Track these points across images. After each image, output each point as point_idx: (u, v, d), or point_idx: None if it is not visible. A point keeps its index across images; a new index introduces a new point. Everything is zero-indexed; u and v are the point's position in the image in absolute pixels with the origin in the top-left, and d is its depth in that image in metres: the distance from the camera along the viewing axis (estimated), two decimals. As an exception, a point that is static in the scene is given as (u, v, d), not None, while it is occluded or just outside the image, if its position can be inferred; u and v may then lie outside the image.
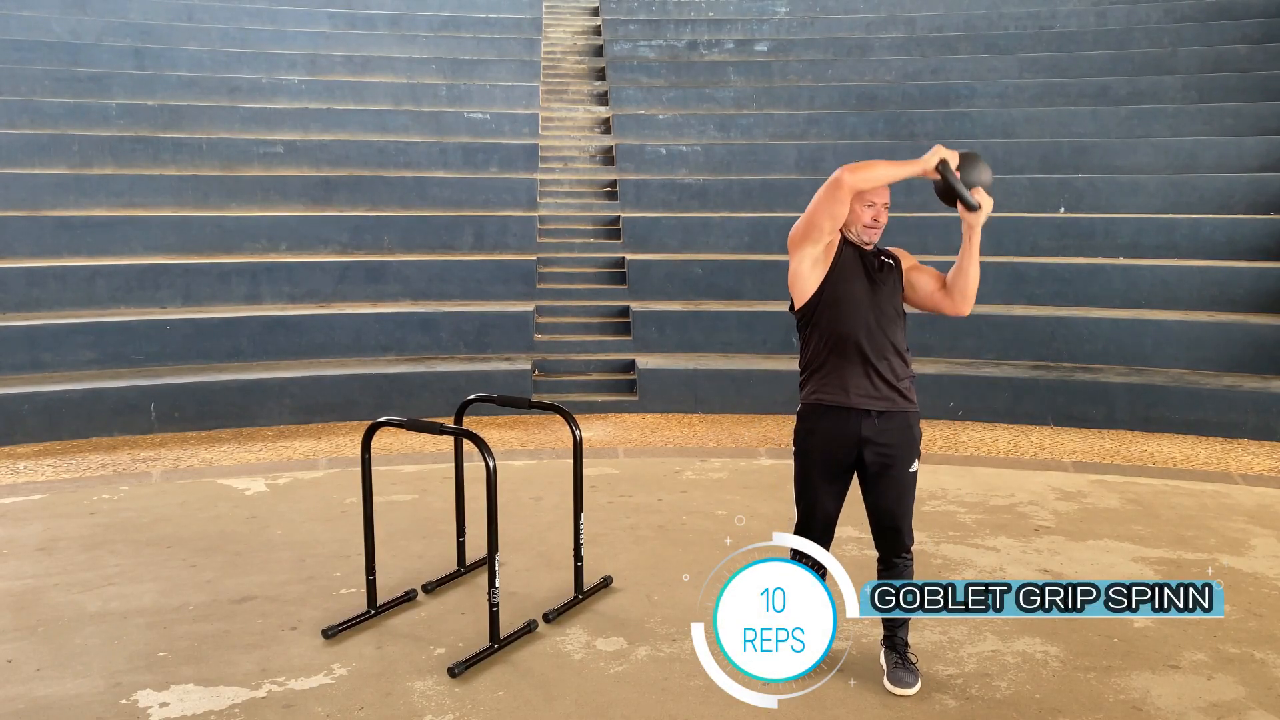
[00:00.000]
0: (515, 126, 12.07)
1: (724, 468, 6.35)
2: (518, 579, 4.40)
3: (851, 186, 3.11)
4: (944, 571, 4.50)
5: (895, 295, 3.33)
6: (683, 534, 5.04)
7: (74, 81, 11.39)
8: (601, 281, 9.81)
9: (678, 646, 3.74)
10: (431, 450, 6.66)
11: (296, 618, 4.00)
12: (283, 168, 10.68)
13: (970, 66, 13.01)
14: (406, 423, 3.82)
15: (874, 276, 3.29)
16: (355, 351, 8.41)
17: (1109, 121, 11.41)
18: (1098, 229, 9.58)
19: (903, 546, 3.36)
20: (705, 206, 10.77)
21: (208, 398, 7.45)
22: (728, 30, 14.54)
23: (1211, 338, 8.07)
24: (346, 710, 3.28)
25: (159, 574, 4.47)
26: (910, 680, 3.37)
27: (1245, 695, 3.40)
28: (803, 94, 12.80)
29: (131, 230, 9.28)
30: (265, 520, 5.25)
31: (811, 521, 3.38)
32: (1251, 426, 7.21)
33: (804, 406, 3.37)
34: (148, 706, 3.31)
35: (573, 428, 4.11)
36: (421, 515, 5.33)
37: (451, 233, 10.02)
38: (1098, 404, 7.59)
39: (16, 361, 7.63)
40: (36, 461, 6.57)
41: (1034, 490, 5.84)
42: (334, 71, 12.76)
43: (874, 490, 3.33)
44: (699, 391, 8.12)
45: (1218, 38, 12.83)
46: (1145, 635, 3.84)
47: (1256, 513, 5.44)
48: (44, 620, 3.99)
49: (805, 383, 3.37)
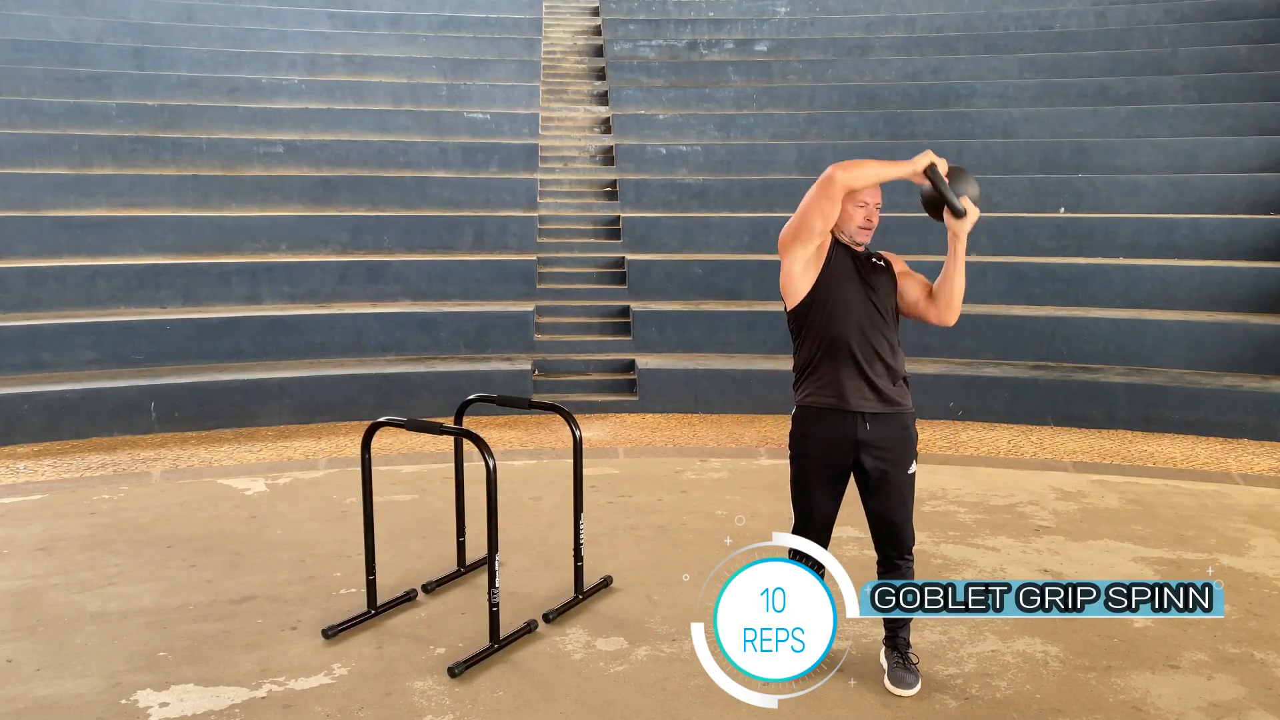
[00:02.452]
0: (515, 126, 12.07)
1: (724, 468, 6.36)
2: (518, 579, 4.40)
3: (844, 184, 3.11)
4: (944, 571, 4.50)
5: (889, 297, 3.32)
6: (683, 534, 5.04)
7: (74, 81, 11.39)
8: (601, 281, 9.81)
9: (678, 646, 3.74)
10: (431, 450, 6.66)
11: (296, 618, 4.00)
12: (283, 168, 10.68)
13: (970, 66, 13.01)
14: (406, 423, 3.82)
15: (866, 279, 3.27)
16: (355, 351, 8.41)
17: (1109, 121, 11.41)
18: (1098, 229, 9.57)
19: (904, 548, 3.36)
20: (705, 206, 10.77)
21: (208, 398, 7.45)
22: (728, 30, 14.54)
23: (1211, 338, 8.07)
24: (346, 710, 3.28)
25: (159, 574, 4.47)
26: (910, 680, 3.37)
27: (1245, 695, 3.40)
28: (803, 94, 12.80)
29: (131, 230, 9.28)
30: (265, 520, 5.25)
31: (809, 524, 3.36)
32: (1251, 426, 7.21)
33: (798, 409, 3.36)
34: (148, 706, 3.31)
35: (573, 428, 4.11)
36: (421, 515, 5.33)
37: (451, 233, 10.02)
38: (1098, 404, 7.59)
39: (16, 361, 7.63)
40: (36, 461, 6.57)
41: (1034, 490, 5.84)
42: (334, 71, 12.77)
43: (874, 496, 3.33)
44: (699, 391, 8.12)
45: (1218, 38, 12.83)
46: (1145, 635, 3.85)
47: (1256, 513, 5.44)
48: (44, 620, 3.99)
49: (799, 385, 3.37)
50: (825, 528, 3.39)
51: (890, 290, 3.34)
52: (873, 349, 3.23)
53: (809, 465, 3.33)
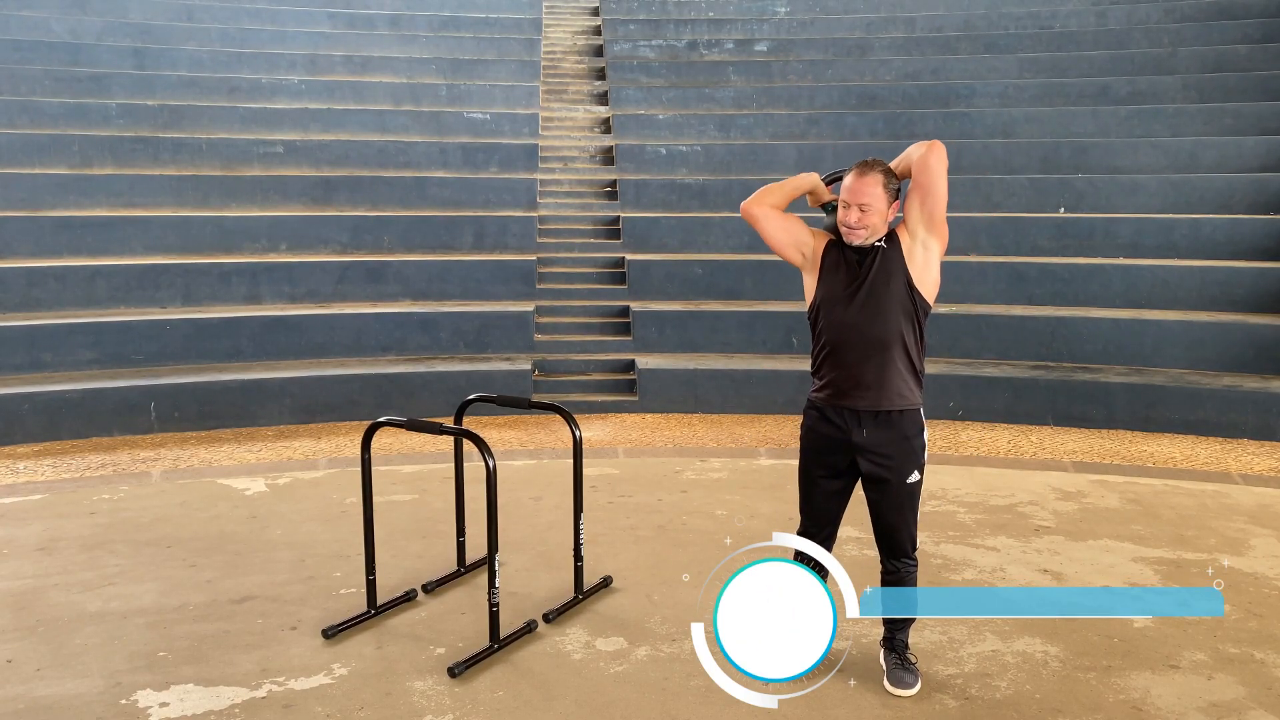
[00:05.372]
0: (515, 126, 12.07)
1: (724, 468, 6.36)
2: (518, 579, 4.40)
3: (745, 211, 3.33)
4: (944, 571, 4.51)
5: (889, 284, 3.17)
6: (683, 534, 5.04)
7: (74, 81, 11.39)
8: (601, 281, 9.80)
9: (678, 646, 3.74)
10: (431, 450, 6.66)
11: (296, 618, 4.00)
12: (283, 168, 10.68)
13: (970, 66, 13.01)
14: (406, 423, 3.82)
15: (856, 273, 3.21)
16: (355, 351, 8.41)
17: (1109, 121, 11.41)
18: (1098, 229, 9.57)
19: (898, 551, 3.35)
20: (705, 206, 10.76)
21: (208, 398, 7.45)
22: (728, 30, 14.54)
23: (1211, 338, 8.06)
24: (346, 710, 3.28)
25: (159, 574, 4.47)
26: (910, 681, 3.37)
27: (1245, 695, 3.40)
28: (803, 94, 12.80)
29: (131, 230, 9.27)
30: (265, 520, 5.25)
31: (811, 517, 3.41)
32: (1251, 426, 7.21)
33: (806, 403, 3.41)
34: (148, 706, 3.31)
35: (573, 428, 4.11)
36: (421, 515, 5.33)
37: (451, 233, 10.02)
38: (1098, 404, 7.59)
39: (16, 361, 7.63)
40: (36, 461, 6.58)
41: (1034, 490, 5.84)
42: (334, 71, 12.76)
43: (872, 498, 3.34)
44: (699, 391, 8.12)
45: (1218, 38, 12.83)
46: (1145, 635, 3.85)
47: (1256, 513, 5.44)
48: (44, 620, 3.99)
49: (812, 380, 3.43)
50: (827, 524, 3.41)
51: (893, 275, 3.18)
52: (867, 349, 3.19)
53: (810, 459, 3.38)
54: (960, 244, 9.76)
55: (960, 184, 10.48)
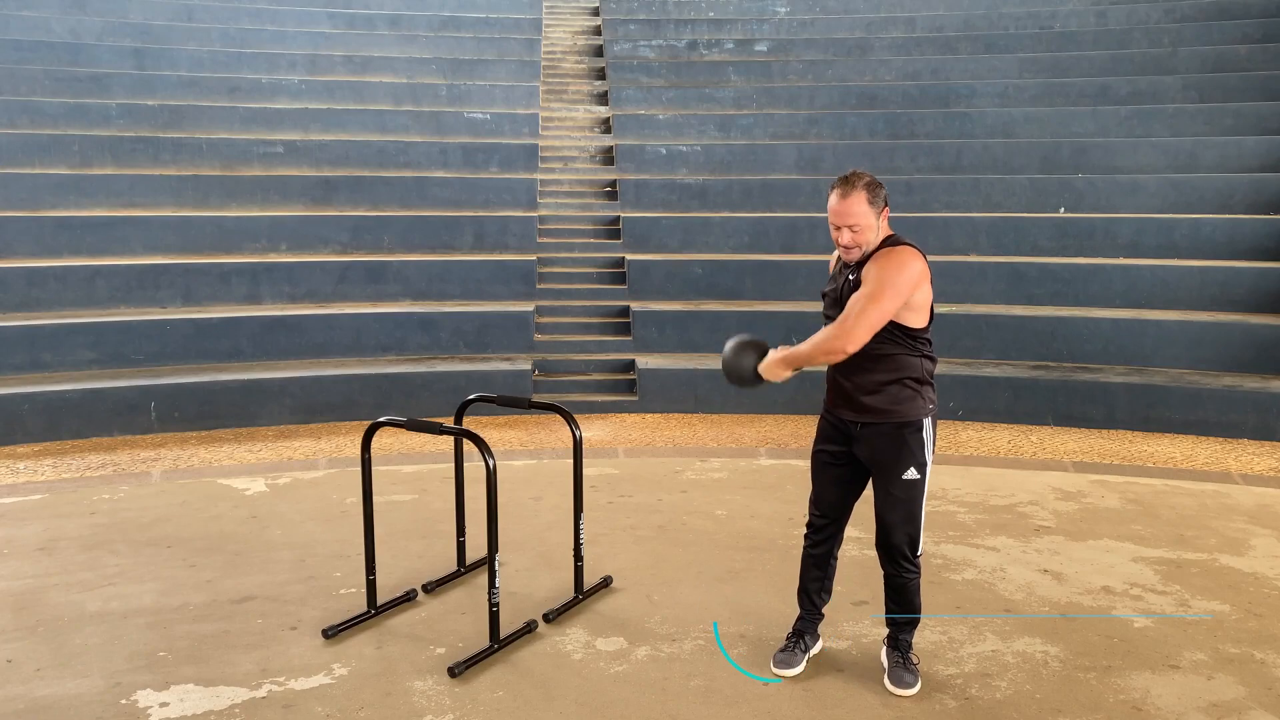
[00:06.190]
0: (515, 126, 12.07)
1: (724, 468, 6.35)
2: (518, 579, 4.40)
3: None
4: (944, 571, 4.50)
5: None
6: (683, 534, 5.04)
7: (74, 81, 11.39)
8: (601, 281, 9.81)
9: (677, 646, 3.74)
10: (431, 450, 6.66)
11: (296, 618, 4.00)
12: (283, 168, 10.68)
13: (970, 66, 13.01)
14: (406, 423, 3.82)
15: (841, 285, 3.29)
16: (355, 351, 8.41)
17: (1109, 121, 11.42)
18: (1098, 229, 9.58)
19: (894, 551, 3.33)
20: (705, 206, 10.77)
21: (208, 398, 7.45)
22: (728, 30, 14.54)
23: (1211, 338, 8.07)
24: (346, 710, 3.28)
25: (159, 574, 4.47)
26: (910, 680, 3.37)
27: (1245, 695, 3.40)
28: (803, 94, 12.81)
29: (131, 230, 9.28)
30: (265, 520, 5.25)
31: (817, 504, 3.50)
32: (1251, 426, 7.21)
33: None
34: (148, 706, 3.31)
35: (573, 428, 4.11)
36: (421, 515, 5.33)
37: (451, 233, 10.03)
38: (1098, 404, 7.59)
39: (16, 361, 7.63)
40: (36, 461, 6.58)
41: (1034, 490, 5.84)
42: (334, 71, 12.77)
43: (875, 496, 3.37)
44: (699, 391, 8.12)
45: (1218, 38, 12.83)
46: (1145, 635, 3.85)
47: (1256, 513, 5.44)
48: (44, 620, 3.99)
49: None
50: (833, 514, 3.47)
51: None
52: (851, 360, 3.20)
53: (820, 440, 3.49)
54: (960, 244, 9.77)
55: (960, 184, 10.49)
